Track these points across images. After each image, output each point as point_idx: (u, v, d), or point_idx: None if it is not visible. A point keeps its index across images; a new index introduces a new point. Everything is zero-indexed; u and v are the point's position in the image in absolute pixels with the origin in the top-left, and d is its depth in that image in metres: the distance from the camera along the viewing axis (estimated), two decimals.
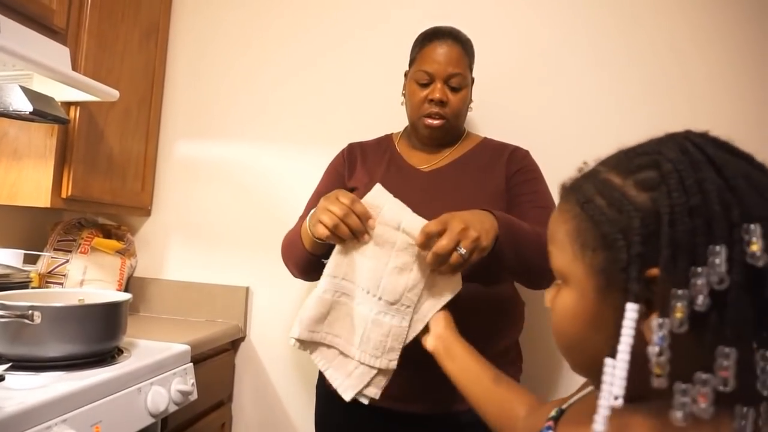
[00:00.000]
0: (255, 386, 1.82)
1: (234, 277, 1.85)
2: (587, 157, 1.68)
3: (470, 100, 1.36)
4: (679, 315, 0.43)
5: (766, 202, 0.45)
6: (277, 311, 1.82)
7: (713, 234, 0.44)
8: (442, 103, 1.27)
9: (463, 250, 0.89)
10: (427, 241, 0.91)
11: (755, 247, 0.43)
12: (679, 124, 1.69)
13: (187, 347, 1.39)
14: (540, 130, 1.66)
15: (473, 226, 0.91)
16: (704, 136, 0.51)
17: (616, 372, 0.46)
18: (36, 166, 1.49)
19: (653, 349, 0.44)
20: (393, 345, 0.99)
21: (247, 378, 1.82)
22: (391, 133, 1.47)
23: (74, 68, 1.45)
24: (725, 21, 1.59)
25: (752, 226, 0.43)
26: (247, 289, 1.84)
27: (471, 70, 1.33)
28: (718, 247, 0.43)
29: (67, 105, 1.51)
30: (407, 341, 0.99)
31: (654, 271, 0.46)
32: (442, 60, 1.26)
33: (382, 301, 0.99)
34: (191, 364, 1.39)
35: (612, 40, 1.65)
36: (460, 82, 1.27)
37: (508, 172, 1.29)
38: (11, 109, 1.25)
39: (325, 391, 1.31)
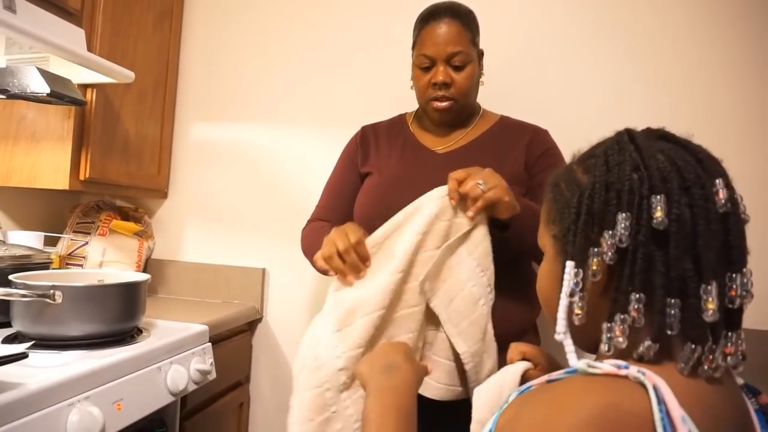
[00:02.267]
0: (272, 367, 1.83)
1: (250, 259, 1.86)
2: (606, 134, 1.65)
3: (480, 74, 1.32)
4: (594, 267, 0.55)
5: (680, 177, 0.54)
6: (294, 292, 1.83)
7: (622, 203, 0.55)
8: (446, 85, 1.24)
9: (482, 185, 1.02)
10: (455, 187, 1.04)
11: (659, 213, 0.53)
12: (700, 98, 1.65)
13: (205, 327, 1.40)
14: (558, 108, 1.63)
15: (493, 176, 1.05)
16: (646, 130, 0.62)
17: (558, 314, 0.59)
18: (54, 149, 1.50)
19: (568, 291, 0.58)
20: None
21: (265, 358, 1.84)
22: (405, 114, 1.45)
23: (89, 50, 1.46)
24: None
25: (658, 197, 0.53)
26: (264, 270, 1.85)
27: (476, 44, 1.29)
28: (624, 214, 0.54)
29: (84, 87, 1.51)
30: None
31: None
32: (441, 41, 1.22)
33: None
34: (210, 343, 1.40)
35: (636, 15, 1.61)
36: (463, 59, 1.24)
37: (530, 156, 1.26)
38: (29, 91, 1.25)
39: None
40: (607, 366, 0.51)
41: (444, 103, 1.26)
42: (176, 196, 1.94)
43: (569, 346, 0.60)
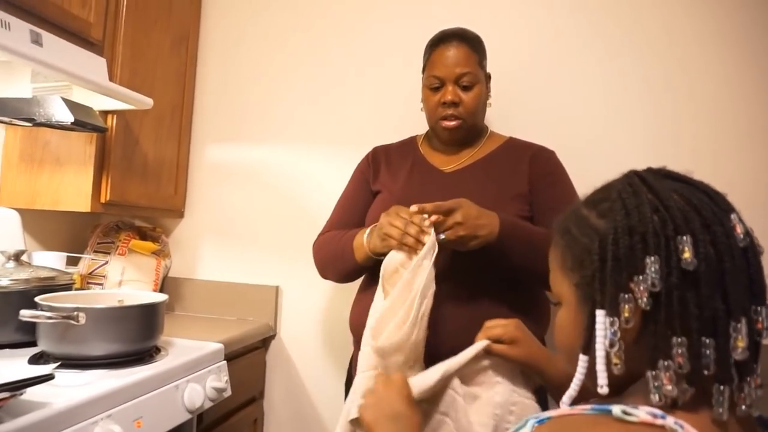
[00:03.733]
0: (286, 383, 1.87)
1: (264, 277, 1.91)
2: (614, 157, 1.69)
3: (487, 96, 1.37)
4: (626, 314, 0.54)
5: (699, 216, 0.54)
6: (307, 309, 1.86)
7: (648, 247, 0.54)
8: (455, 104, 1.29)
9: (442, 236, 1.07)
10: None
11: (687, 254, 0.52)
12: (701, 115, 1.66)
13: (220, 346, 1.44)
14: (567, 129, 1.66)
15: (468, 215, 1.09)
16: (651, 169, 0.62)
17: (597, 368, 0.56)
18: (77, 173, 1.56)
19: (607, 342, 0.55)
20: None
21: (278, 375, 1.88)
22: (416, 135, 1.49)
23: (111, 78, 1.52)
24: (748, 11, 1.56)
25: (684, 237, 0.53)
26: (277, 288, 1.89)
27: (483, 66, 1.35)
28: (651, 258, 0.53)
29: (104, 113, 1.58)
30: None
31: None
32: (450, 62, 1.29)
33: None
34: (225, 361, 1.44)
35: (644, 36, 1.64)
36: (471, 80, 1.29)
37: (532, 175, 1.30)
38: (54, 120, 1.31)
39: None
40: (643, 414, 0.50)
41: (453, 123, 1.30)
42: (192, 215, 1.99)
43: (574, 392, 0.60)
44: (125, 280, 1.77)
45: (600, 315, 0.56)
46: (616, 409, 0.51)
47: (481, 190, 1.28)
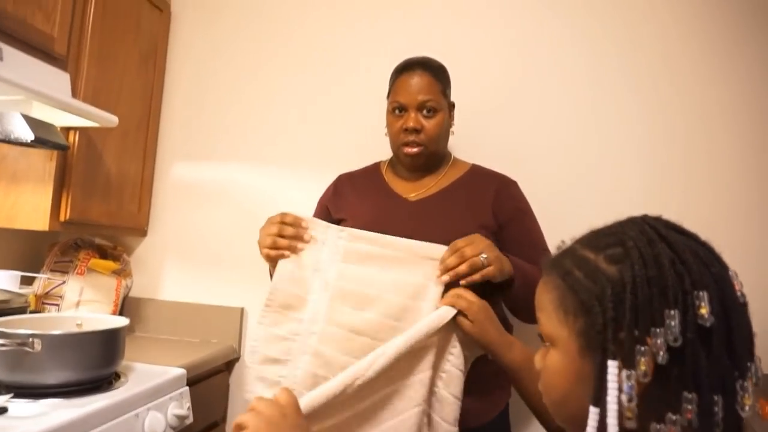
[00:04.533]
0: (248, 406, 1.82)
1: (229, 298, 1.87)
2: (576, 183, 1.72)
3: (450, 124, 1.39)
4: (643, 368, 0.52)
5: (709, 272, 0.54)
6: None
7: (668, 300, 0.53)
8: (416, 131, 1.31)
9: (485, 258, 1.05)
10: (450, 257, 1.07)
11: (704, 310, 0.52)
12: (672, 145, 1.71)
13: (183, 371, 1.40)
14: (528, 157, 1.69)
15: (493, 249, 1.08)
16: (658, 219, 0.60)
17: (609, 420, 0.53)
18: (35, 190, 1.50)
19: (624, 397, 0.52)
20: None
21: (241, 398, 1.83)
22: (380, 162, 1.50)
23: (74, 93, 1.48)
24: (725, 32, 1.64)
25: (701, 293, 0.52)
26: (242, 309, 1.86)
27: (446, 95, 1.37)
28: (672, 312, 0.52)
29: (66, 130, 1.53)
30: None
31: (622, 333, 0.54)
32: (413, 90, 1.31)
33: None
34: (187, 387, 1.40)
35: (603, 63, 1.70)
36: (434, 106, 1.31)
37: (497, 209, 1.32)
38: (12, 137, 1.27)
39: None
40: None
41: (414, 149, 1.32)
42: (156, 234, 1.94)
43: None
44: (83, 301, 1.71)
45: (612, 366, 0.53)
46: None
47: (448, 219, 1.30)
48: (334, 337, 1.08)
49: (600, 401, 0.54)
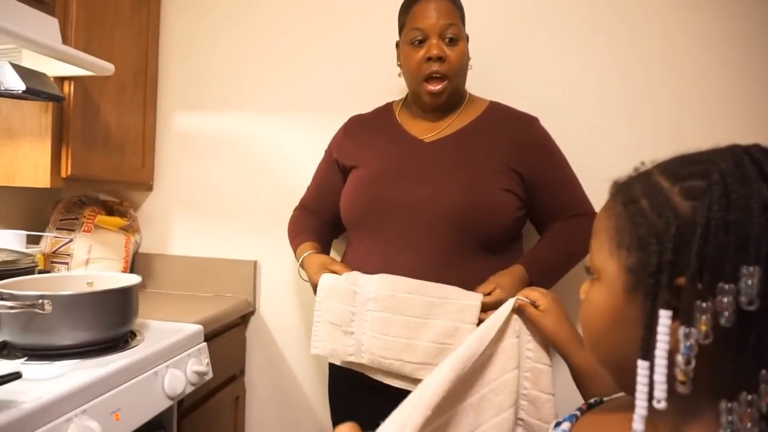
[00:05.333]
0: (267, 359, 1.82)
1: (241, 251, 1.83)
2: (596, 122, 1.63)
3: (468, 57, 1.30)
4: (703, 327, 0.44)
5: None
6: (287, 284, 1.80)
7: (747, 253, 0.44)
8: (441, 59, 1.21)
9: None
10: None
11: None
12: (691, 90, 1.61)
13: (200, 327, 1.38)
14: (547, 94, 1.60)
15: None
16: (763, 151, 0.49)
17: (656, 377, 0.47)
18: (32, 145, 1.43)
19: (680, 358, 0.45)
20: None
21: (259, 351, 1.82)
22: (392, 102, 1.42)
23: (64, 41, 1.39)
24: None
25: None
26: (255, 262, 1.82)
27: (464, 24, 1.29)
28: (752, 268, 0.43)
29: (60, 80, 1.44)
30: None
31: (681, 281, 0.46)
32: (434, 14, 1.22)
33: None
34: (205, 343, 1.38)
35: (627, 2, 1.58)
36: (457, 32, 1.23)
37: (519, 149, 1.25)
38: (3, 89, 1.18)
39: (336, 368, 1.31)
40: None
41: (438, 86, 1.23)
42: (162, 188, 1.88)
43: (644, 410, 0.48)
44: (93, 258, 1.67)
45: (665, 317, 0.46)
46: None
47: (464, 161, 1.23)
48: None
49: (648, 354, 0.47)
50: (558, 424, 0.61)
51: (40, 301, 1.02)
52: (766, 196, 0.45)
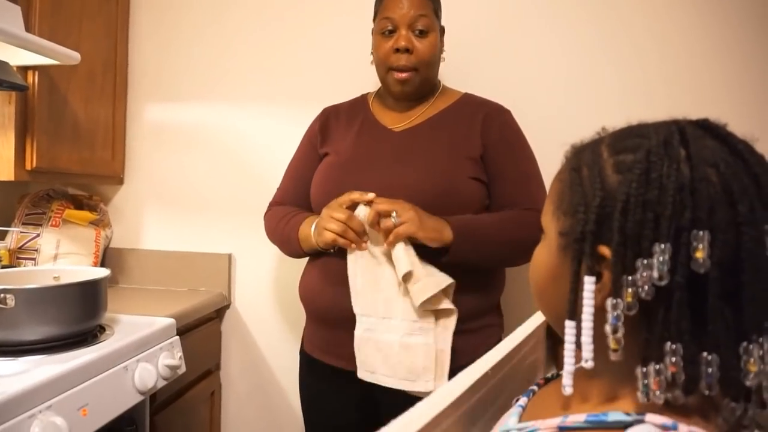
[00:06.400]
0: (243, 353, 1.80)
1: (215, 245, 1.80)
2: (572, 115, 1.64)
3: (441, 50, 1.30)
4: (629, 300, 0.46)
5: (730, 207, 0.45)
6: (262, 277, 1.78)
7: (660, 231, 0.45)
8: (408, 51, 1.21)
9: (395, 219, 1.06)
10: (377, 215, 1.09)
11: (699, 254, 0.44)
12: (671, 85, 1.61)
13: (171, 321, 1.35)
14: (524, 86, 1.60)
15: (418, 215, 1.08)
16: (714, 131, 0.49)
17: (582, 339, 0.49)
18: None
19: (608, 328, 0.47)
20: (426, 364, 1.06)
21: (235, 345, 1.80)
22: (367, 93, 1.41)
23: (28, 29, 1.34)
24: None
25: (700, 233, 0.44)
26: (230, 255, 1.79)
27: (438, 17, 1.28)
28: (663, 245, 0.45)
29: (24, 70, 1.40)
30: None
31: (604, 250, 0.48)
32: (405, 5, 1.21)
33: (406, 321, 1.08)
34: (177, 337, 1.36)
35: None
36: (427, 24, 1.21)
37: (487, 138, 1.24)
38: None
39: (306, 357, 1.30)
40: (650, 428, 0.44)
41: (405, 74, 1.22)
42: (133, 181, 1.85)
43: (571, 368, 0.51)
44: (61, 254, 1.63)
45: (589, 282, 0.48)
46: (621, 416, 0.46)
47: (432, 150, 1.22)
48: None
49: (574, 315, 0.50)
50: (517, 401, 0.62)
51: (2, 295, 1.00)
52: (685, 176, 0.46)
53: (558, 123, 1.55)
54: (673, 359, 0.44)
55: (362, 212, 1.11)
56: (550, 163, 1.29)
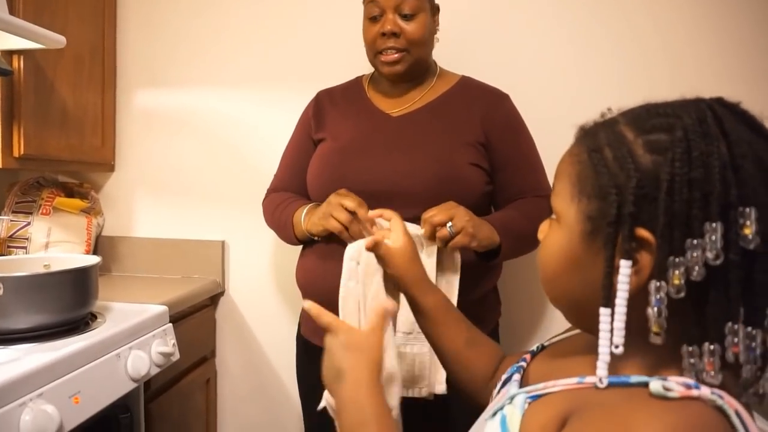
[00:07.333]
0: (237, 339, 1.80)
1: (208, 232, 1.79)
2: (572, 99, 1.61)
3: (435, 30, 1.27)
4: (677, 282, 0.45)
5: (766, 189, 0.45)
6: (256, 263, 1.77)
7: (710, 210, 0.45)
8: (394, 35, 1.19)
9: (450, 228, 1.01)
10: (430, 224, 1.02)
11: (748, 230, 0.44)
12: (672, 67, 1.59)
13: (164, 308, 1.34)
14: (522, 70, 1.58)
15: (472, 221, 1.03)
16: (732, 108, 0.50)
17: (616, 324, 0.48)
18: None
19: (651, 311, 0.46)
20: (420, 373, 1.04)
21: (229, 332, 1.80)
22: (362, 76, 1.39)
23: (11, 12, 1.32)
24: None
25: (747, 209, 0.44)
26: (223, 242, 1.78)
27: None
28: (714, 224, 0.44)
29: (9, 54, 1.37)
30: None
31: (644, 233, 0.47)
32: None
33: (399, 333, 1.03)
34: (170, 324, 1.35)
35: None
36: (413, 7, 1.19)
37: (490, 126, 1.22)
38: None
39: (303, 342, 1.30)
40: (679, 387, 0.45)
41: (393, 55, 1.20)
42: (124, 168, 1.83)
43: (607, 356, 0.49)
44: (52, 242, 1.62)
45: (625, 267, 0.47)
46: (656, 385, 0.45)
47: (432, 136, 1.21)
48: None
49: (610, 302, 0.49)
50: (507, 381, 0.61)
51: None
52: (725, 154, 0.46)
53: (555, 105, 1.54)
54: (735, 340, 0.44)
55: (414, 229, 1.02)
56: (547, 146, 1.30)
